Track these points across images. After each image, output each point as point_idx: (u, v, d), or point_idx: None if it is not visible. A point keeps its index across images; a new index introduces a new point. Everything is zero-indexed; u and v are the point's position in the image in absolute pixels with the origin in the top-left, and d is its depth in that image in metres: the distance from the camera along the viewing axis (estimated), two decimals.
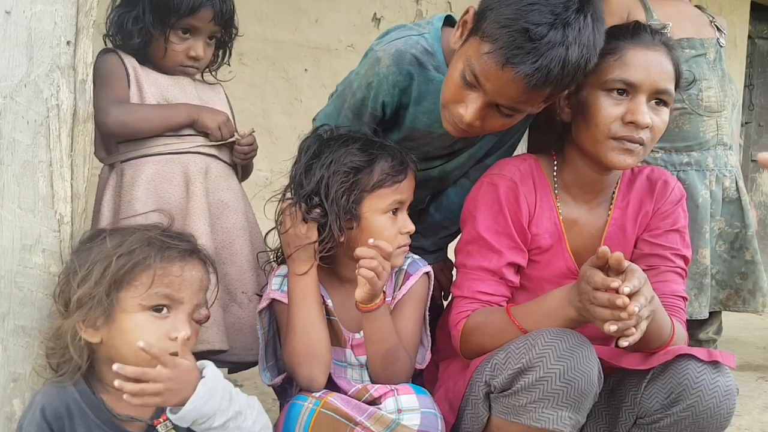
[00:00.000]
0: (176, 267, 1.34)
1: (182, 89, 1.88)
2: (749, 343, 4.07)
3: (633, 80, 1.58)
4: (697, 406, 1.46)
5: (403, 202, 1.66)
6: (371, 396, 1.57)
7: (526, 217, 1.69)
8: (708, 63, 2.30)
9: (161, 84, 1.85)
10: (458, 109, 1.55)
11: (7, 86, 1.32)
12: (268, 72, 3.71)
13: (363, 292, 1.53)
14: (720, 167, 2.31)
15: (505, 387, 1.49)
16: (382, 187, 1.62)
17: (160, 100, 1.82)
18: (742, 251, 2.32)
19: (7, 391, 1.34)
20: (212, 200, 1.83)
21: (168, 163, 1.79)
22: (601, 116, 1.59)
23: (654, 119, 1.58)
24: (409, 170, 1.67)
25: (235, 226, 1.86)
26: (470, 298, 1.66)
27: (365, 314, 1.58)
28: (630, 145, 1.58)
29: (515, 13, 1.40)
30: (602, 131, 1.59)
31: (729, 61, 2.52)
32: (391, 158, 1.65)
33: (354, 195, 1.61)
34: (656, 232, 1.73)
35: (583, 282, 1.42)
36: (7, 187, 1.33)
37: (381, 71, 1.70)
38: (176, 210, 1.75)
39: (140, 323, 1.31)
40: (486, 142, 1.92)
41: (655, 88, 1.58)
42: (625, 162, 1.59)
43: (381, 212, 1.63)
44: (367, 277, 1.51)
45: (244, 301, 1.84)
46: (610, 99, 1.59)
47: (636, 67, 1.58)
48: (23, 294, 1.35)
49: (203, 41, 1.87)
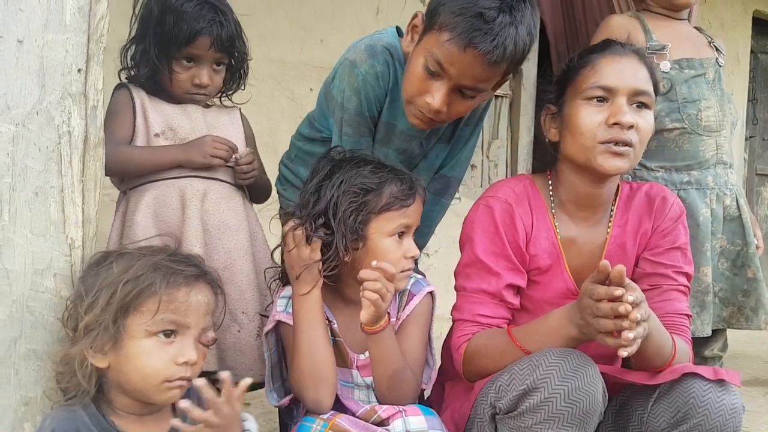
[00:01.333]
0: (182, 293, 1.35)
1: (188, 117, 1.92)
2: (756, 358, 4.06)
3: (609, 84, 1.61)
4: (703, 425, 1.47)
5: (409, 227, 1.67)
6: (379, 417, 1.57)
7: (523, 238, 1.70)
8: (707, 83, 2.32)
9: (167, 113, 1.90)
10: (425, 99, 1.66)
11: (20, 114, 1.34)
12: (273, 91, 3.74)
13: (367, 314, 1.54)
14: (720, 186, 2.32)
15: (511, 408, 1.50)
16: (390, 209, 1.64)
17: (165, 129, 1.87)
18: (744, 269, 2.33)
19: (18, 414, 1.35)
20: (212, 222, 1.85)
21: (167, 188, 1.84)
22: (584, 124, 1.62)
23: (638, 120, 1.60)
24: (417, 195, 1.68)
25: (236, 246, 1.87)
26: (471, 321, 1.67)
27: (370, 336, 1.58)
28: (618, 148, 1.59)
29: (467, 2, 1.56)
30: (588, 138, 1.61)
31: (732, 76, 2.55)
32: (400, 182, 1.66)
33: (362, 216, 1.63)
34: (657, 250, 1.73)
35: (585, 297, 1.43)
36: (20, 212, 1.34)
37: (361, 70, 1.76)
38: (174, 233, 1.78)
39: (147, 349, 1.32)
40: (440, 150, 2.00)
41: (633, 89, 1.61)
42: (616, 165, 1.61)
43: (387, 235, 1.64)
44: (371, 300, 1.52)
45: (245, 321, 1.85)
46: (590, 107, 1.62)
47: (609, 72, 1.62)
48: (35, 318, 1.36)
49: (208, 68, 1.91)
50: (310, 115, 2.09)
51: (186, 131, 1.89)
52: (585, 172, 1.67)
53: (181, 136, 1.88)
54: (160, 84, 1.92)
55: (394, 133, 1.88)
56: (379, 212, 1.64)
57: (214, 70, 1.92)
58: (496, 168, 4.81)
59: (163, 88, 1.92)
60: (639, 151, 1.63)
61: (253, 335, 1.85)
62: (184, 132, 1.89)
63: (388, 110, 1.85)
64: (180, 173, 1.85)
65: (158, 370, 1.31)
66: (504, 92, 4.78)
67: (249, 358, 1.85)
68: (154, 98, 1.91)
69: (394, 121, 1.87)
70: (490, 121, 4.78)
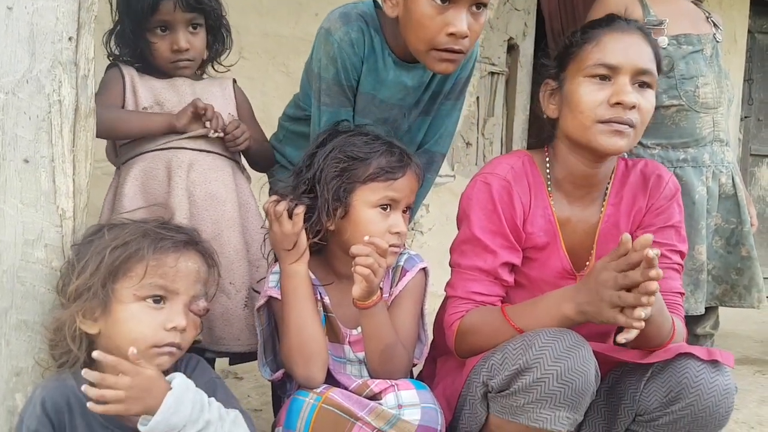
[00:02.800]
0: (170, 258, 1.35)
1: (176, 91, 1.92)
2: (747, 337, 4.09)
3: (613, 62, 1.58)
4: (696, 405, 1.47)
5: (396, 201, 1.66)
6: (372, 391, 1.57)
7: (521, 216, 1.68)
8: (705, 59, 2.31)
9: (155, 88, 1.90)
10: (447, 32, 1.64)
11: (9, 82, 1.32)
12: (268, 66, 3.71)
13: (360, 289, 1.54)
14: (716, 163, 2.31)
15: (503, 387, 1.50)
16: (375, 180, 1.63)
17: (152, 103, 1.88)
18: (738, 247, 2.33)
19: (9, 385, 1.35)
20: (198, 193, 1.85)
21: (153, 160, 1.84)
22: (586, 102, 1.59)
23: (640, 100, 1.58)
24: (407, 170, 1.67)
25: (224, 217, 1.87)
26: (464, 298, 1.67)
27: (362, 311, 1.58)
28: (619, 127, 1.57)
29: None
30: (588, 116, 1.58)
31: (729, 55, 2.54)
32: (391, 155, 1.66)
33: (346, 182, 1.63)
34: (651, 228, 1.72)
35: (603, 272, 1.41)
36: (10, 182, 1.33)
37: (336, 38, 1.76)
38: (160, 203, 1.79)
39: (135, 313, 1.32)
40: (421, 123, 2.01)
41: (637, 69, 1.58)
42: (616, 144, 1.58)
43: (371, 206, 1.64)
44: (363, 275, 1.51)
45: (232, 291, 1.85)
46: (593, 84, 1.59)
47: (614, 50, 1.59)
48: (25, 288, 1.36)
49: (183, 31, 1.90)
50: (296, 95, 2.09)
51: (173, 104, 1.89)
52: (583, 151, 1.65)
53: (168, 109, 1.88)
54: (148, 62, 1.93)
55: (374, 103, 1.88)
56: (365, 182, 1.63)
57: (191, 33, 1.92)
58: (491, 146, 4.80)
59: (152, 65, 1.93)
60: (639, 131, 1.61)
61: (241, 305, 1.86)
62: (170, 105, 1.89)
63: (366, 80, 1.84)
64: (166, 143, 1.85)
65: (146, 335, 1.32)
66: (500, 69, 4.76)
67: (236, 328, 1.85)
68: (144, 75, 1.92)
69: (373, 91, 1.86)
70: (486, 99, 4.76)
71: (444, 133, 2.05)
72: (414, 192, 1.71)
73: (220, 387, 1.48)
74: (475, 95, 4.64)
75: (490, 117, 4.77)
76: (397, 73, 1.85)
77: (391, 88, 1.87)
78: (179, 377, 1.34)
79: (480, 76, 4.63)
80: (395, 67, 1.85)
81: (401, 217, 1.67)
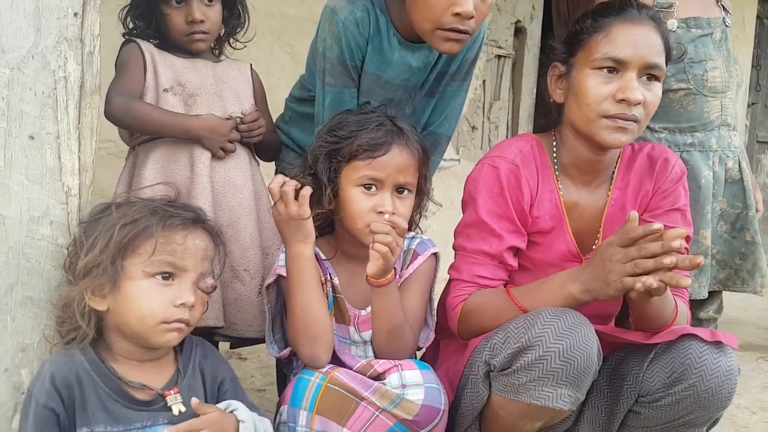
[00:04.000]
0: (179, 235, 1.36)
1: (197, 72, 1.91)
2: (750, 324, 4.10)
3: (621, 57, 1.56)
4: (698, 386, 1.47)
5: (379, 180, 1.62)
6: (375, 371, 1.58)
7: (528, 200, 1.68)
8: (714, 43, 2.28)
9: (176, 67, 1.89)
10: (452, 12, 1.63)
11: (15, 57, 1.31)
12: (273, 47, 3.69)
13: (375, 267, 1.53)
14: (723, 148, 2.30)
15: (505, 366, 1.50)
16: (356, 159, 1.62)
17: (174, 84, 1.86)
18: (743, 232, 2.32)
19: (15, 360, 1.35)
20: (218, 179, 1.85)
21: (176, 144, 1.84)
22: (592, 95, 1.58)
23: (646, 95, 1.57)
24: (392, 147, 1.63)
25: (241, 204, 1.87)
26: (468, 281, 1.67)
27: (375, 289, 1.58)
28: (623, 123, 1.56)
29: None
30: (594, 110, 1.58)
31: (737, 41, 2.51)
32: (377, 131, 1.63)
33: (334, 162, 1.64)
34: (657, 212, 1.72)
35: (609, 248, 1.42)
36: (15, 158, 1.32)
37: (341, 17, 1.75)
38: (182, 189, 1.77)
39: (144, 290, 1.33)
40: (426, 105, 2.00)
41: (645, 63, 1.57)
42: (619, 140, 1.58)
43: (353, 184, 1.63)
44: (381, 252, 1.51)
45: (246, 278, 1.86)
46: (599, 77, 1.58)
47: (624, 43, 1.57)
48: (31, 265, 1.36)
49: (197, 3, 1.88)
50: (302, 76, 2.08)
51: (194, 86, 1.88)
52: (586, 140, 1.65)
53: (190, 92, 1.87)
54: (164, 36, 1.92)
55: (379, 84, 1.87)
56: (348, 160, 1.63)
57: (206, 5, 1.90)
58: (496, 130, 4.79)
59: (169, 40, 1.91)
60: (643, 124, 1.60)
61: (255, 292, 1.86)
62: (192, 87, 1.88)
63: (371, 60, 1.83)
64: None
65: (155, 311, 1.33)
66: (507, 52, 4.73)
67: (249, 314, 1.86)
68: (163, 52, 1.90)
69: (378, 71, 1.85)
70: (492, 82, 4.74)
71: (449, 115, 2.04)
72: (407, 170, 1.65)
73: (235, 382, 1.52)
74: (482, 78, 4.62)
75: (496, 101, 4.75)
76: (402, 53, 1.84)
77: (396, 69, 1.86)
78: (241, 408, 1.40)
79: (486, 59, 4.60)
80: (400, 47, 1.84)
81: (389, 197, 1.63)
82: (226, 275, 1.82)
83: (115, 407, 1.33)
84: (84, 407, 1.30)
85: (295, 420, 1.50)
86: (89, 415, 1.31)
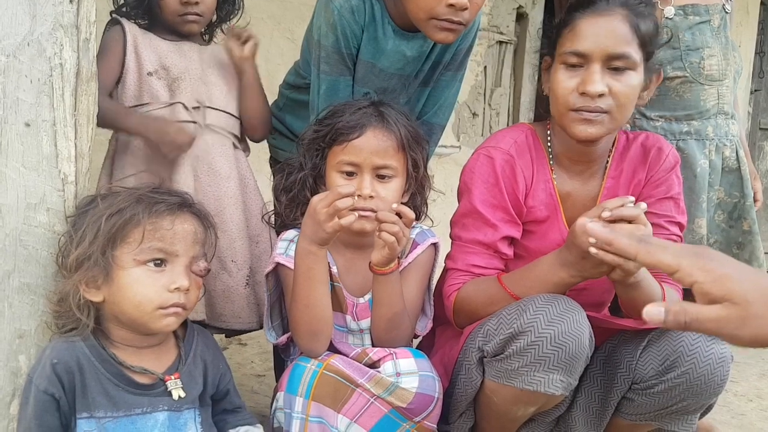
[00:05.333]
0: (166, 221, 1.36)
1: (183, 55, 1.88)
2: None
3: (582, 50, 1.56)
4: (691, 373, 1.48)
5: (356, 165, 1.61)
6: (370, 359, 1.59)
7: (523, 190, 1.69)
8: (712, 30, 2.27)
9: (161, 50, 1.86)
10: (448, 1, 1.64)
11: (10, 44, 1.31)
12: (273, 32, 3.67)
13: (381, 255, 1.53)
14: (720, 136, 2.29)
15: (498, 352, 1.51)
16: (334, 144, 1.63)
17: (157, 68, 1.84)
18: (740, 221, 2.32)
19: (12, 347, 1.36)
20: (201, 167, 1.84)
21: None
22: (559, 89, 1.59)
23: (613, 85, 1.55)
24: (366, 129, 1.61)
25: (227, 194, 1.86)
26: (464, 270, 1.68)
27: (379, 277, 1.58)
28: (588, 115, 1.56)
29: None
30: (562, 104, 1.59)
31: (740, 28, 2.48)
32: (351, 114, 1.63)
33: (319, 149, 1.66)
34: (650, 200, 1.71)
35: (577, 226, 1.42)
36: (11, 145, 1.33)
37: (336, 5, 1.75)
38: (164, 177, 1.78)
39: (138, 278, 1.34)
40: (420, 94, 2.00)
41: (607, 54, 1.55)
42: (586, 132, 1.57)
43: (333, 169, 1.64)
44: (388, 242, 1.51)
45: (234, 269, 1.86)
46: (566, 72, 1.59)
47: (585, 36, 1.56)
48: (28, 252, 1.37)
49: None
50: (297, 63, 2.07)
51: (179, 70, 1.85)
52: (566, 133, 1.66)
53: (173, 76, 1.85)
54: (155, 15, 1.88)
55: (373, 72, 1.87)
56: (328, 146, 1.65)
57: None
58: (497, 116, 4.77)
59: (159, 21, 1.88)
60: (618, 114, 1.58)
61: (242, 284, 1.86)
62: (177, 71, 1.85)
63: (366, 48, 1.83)
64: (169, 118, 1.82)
65: (150, 298, 1.33)
66: (509, 38, 4.70)
67: (237, 305, 1.86)
68: (148, 34, 1.87)
69: (373, 59, 1.85)
70: (494, 68, 4.71)
71: (443, 105, 2.04)
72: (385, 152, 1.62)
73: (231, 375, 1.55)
74: (483, 65, 4.60)
75: (497, 87, 4.73)
76: (396, 42, 1.84)
77: (391, 57, 1.86)
78: None
79: (488, 45, 4.58)
80: (395, 36, 1.84)
81: (368, 180, 1.61)
82: (213, 266, 1.80)
83: (116, 392, 1.34)
84: (84, 393, 1.32)
85: (291, 406, 1.51)
86: (90, 400, 1.32)
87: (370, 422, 1.52)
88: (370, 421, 1.52)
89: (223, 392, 1.52)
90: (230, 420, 1.54)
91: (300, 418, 1.49)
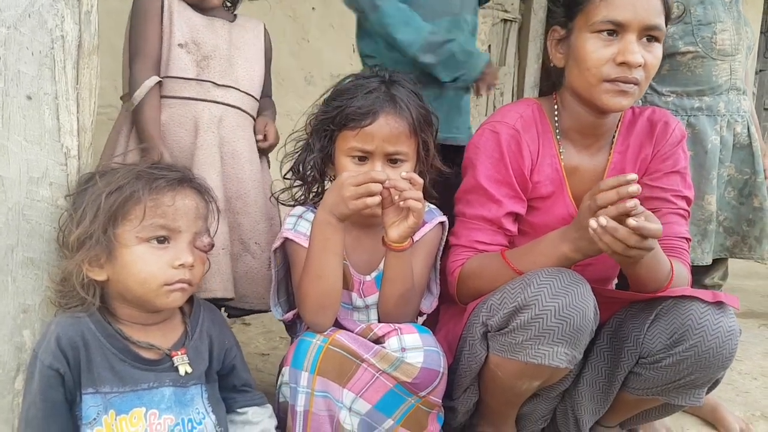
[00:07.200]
0: (167, 197, 1.35)
1: (214, 32, 1.88)
2: (753, 291, 4.10)
3: (620, 19, 1.54)
4: (699, 346, 1.47)
5: (368, 151, 1.60)
6: (375, 335, 1.59)
7: (528, 166, 1.67)
8: (723, 4, 2.24)
9: (193, 24, 1.84)
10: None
11: (11, 16, 1.29)
12: (274, 10, 3.64)
13: (406, 226, 1.51)
14: (732, 112, 2.26)
15: (502, 326, 1.51)
16: (345, 128, 1.61)
17: (188, 41, 1.82)
18: (751, 198, 2.29)
19: (17, 321, 1.36)
20: (226, 150, 1.83)
21: (182, 106, 1.81)
22: (592, 59, 1.56)
23: (646, 56, 1.55)
24: (378, 117, 1.59)
25: (250, 177, 1.86)
26: (468, 246, 1.67)
27: (394, 253, 1.57)
28: (624, 86, 1.55)
29: None
30: (594, 74, 1.56)
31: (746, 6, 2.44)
32: (365, 99, 1.60)
33: (328, 130, 1.64)
34: (656, 175, 1.71)
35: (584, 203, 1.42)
36: (13, 118, 1.31)
37: None
38: (184, 155, 1.77)
39: (141, 255, 1.32)
40: None
41: (644, 25, 1.54)
42: (620, 104, 1.57)
43: (344, 154, 1.62)
44: (416, 209, 1.49)
45: (257, 251, 1.86)
46: (599, 41, 1.56)
47: (623, 5, 1.54)
48: (31, 226, 1.36)
49: None
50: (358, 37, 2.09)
51: (209, 48, 1.85)
52: (587, 104, 1.64)
53: (204, 53, 1.84)
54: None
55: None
56: (340, 129, 1.62)
57: None
58: (501, 96, 4.75)
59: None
60: (644, 87, 1.59)
61: (265, 265, 1.85)
62: (207, 49, 1.84)
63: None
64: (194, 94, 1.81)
65: (155, 275, 1.32)
66: (513, 16, 4.67)
67: (260, 287, 1.86)
68: (182, 3, 1.85)
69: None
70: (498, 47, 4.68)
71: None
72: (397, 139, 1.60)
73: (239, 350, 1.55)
74: (487, 43, 4.57)
75: (502, 66, 4.71)
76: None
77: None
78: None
79: (492, 23, 4.54)
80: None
81: (379, 166, 1.59)
82: (236, 248, 1.82)
83: (122, 367, 1.34)
84: (90, 368, 1.31)
85: (296, 381, 1.50)
86: (95, 375, 1.32)
87: (375, 397, 1.52)
88: (375, 395, 1.52)
89: (229, 367, 1.51)
90: (239, 399, 1.54)
91: (305, 392, 1.49)
